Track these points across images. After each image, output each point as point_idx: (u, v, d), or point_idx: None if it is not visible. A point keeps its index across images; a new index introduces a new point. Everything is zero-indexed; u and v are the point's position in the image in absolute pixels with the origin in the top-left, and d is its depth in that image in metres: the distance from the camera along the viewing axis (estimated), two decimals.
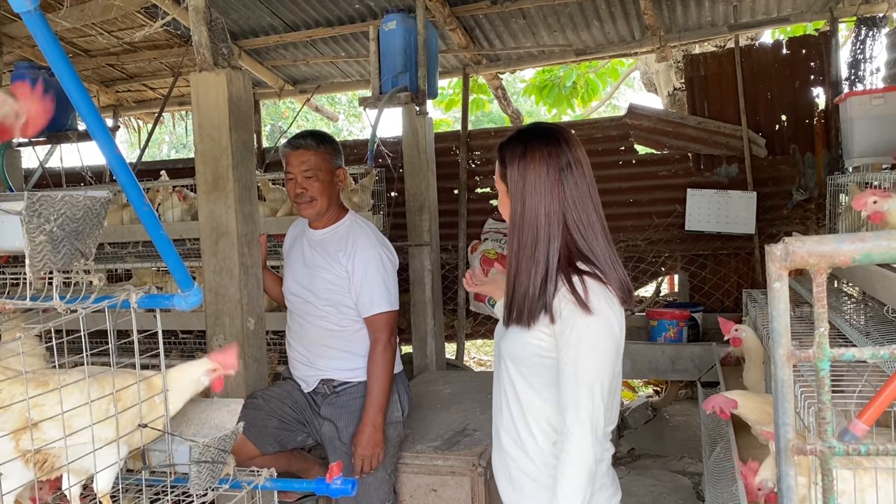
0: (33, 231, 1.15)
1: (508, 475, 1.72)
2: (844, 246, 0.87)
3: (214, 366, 1.57)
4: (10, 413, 1.28)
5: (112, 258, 4.34)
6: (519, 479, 1.69)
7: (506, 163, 1.67)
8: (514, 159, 1.65)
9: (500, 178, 1.70)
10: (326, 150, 2.63)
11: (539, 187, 1.61)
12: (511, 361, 1.66)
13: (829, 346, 0.90)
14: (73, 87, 1.21)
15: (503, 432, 1.72)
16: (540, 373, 1.62)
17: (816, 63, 5.22)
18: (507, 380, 1.69)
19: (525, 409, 1.66)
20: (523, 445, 1.67)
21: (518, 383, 1.66)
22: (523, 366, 1.64)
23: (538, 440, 1.65)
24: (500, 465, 1.75)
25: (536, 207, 1.61)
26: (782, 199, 5.24)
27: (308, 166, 2.59)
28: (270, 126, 14.00)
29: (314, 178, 2.58)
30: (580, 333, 1.55)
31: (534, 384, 1.64)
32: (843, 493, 1.61)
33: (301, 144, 2.62)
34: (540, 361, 1.61)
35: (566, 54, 5.78)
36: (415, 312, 4.56)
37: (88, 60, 6.06)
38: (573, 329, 1.55)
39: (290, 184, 2.62)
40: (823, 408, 0.91)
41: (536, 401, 1.64)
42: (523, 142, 1.66)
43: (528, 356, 1.63)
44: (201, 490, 1.57)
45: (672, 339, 5.00)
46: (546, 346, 1.60)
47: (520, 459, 1.68)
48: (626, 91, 13.99)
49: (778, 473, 0.94)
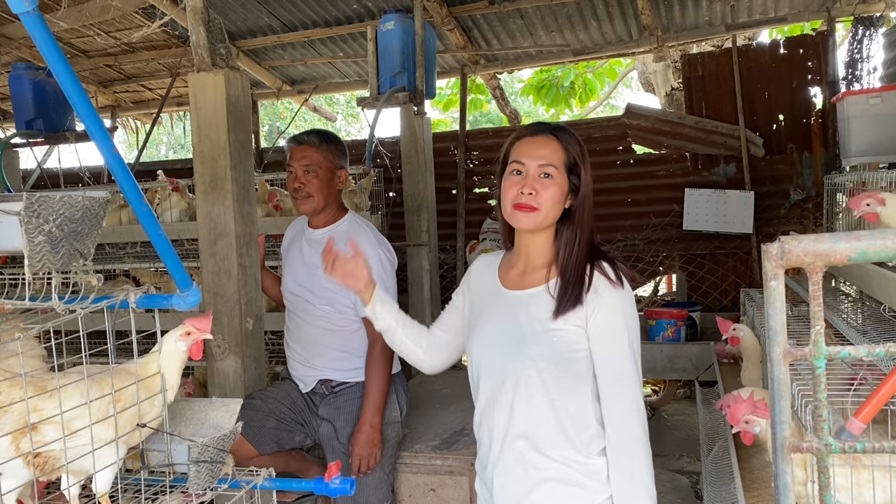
0: (32, 231, 1.15)
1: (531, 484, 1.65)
2: (840, 245, 0.88)
3: (188, 329, 1.55)
4: (9, 415, 1.28)
5: (111, 258, 4.34)
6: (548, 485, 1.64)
7: (580, 156, 1.70)
8: (585, 155, 1.71)
9: (565, 167, 1.68)
10: (329, 150, 2.64)
11: (591, 184, 1.72)
12: (545, 363, 1.63)
13: (825, 345, 0.90)
14: (71, 88, 1.22)
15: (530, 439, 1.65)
16: (572, 368, 1.63)
17: (814, 63, 5.23)
18: (538, 383, 1.64)
19: (558, 409, 1.63)
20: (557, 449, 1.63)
21: (551, 385, 1.63)
22: (557, 365, 1.63)
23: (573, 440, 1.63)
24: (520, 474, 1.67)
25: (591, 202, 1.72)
26: (780, 199, 5.25)
27: (308, 162, 2.60)
28: (269, 126, 14.00)
29: (313, 174, 2.59)
30: (624, 309, 1.63)
31: (564, 381, 1.63)
32: (841, 489, 1.62)
33: (304, 140, 2.65)
34: (574, 356, 1.63)
35: (564, 54, 5.78)
36: (413, 312, 4.55)
37: (86, 61, 6.06)
38: (615, 308, 1.62)
39: (290, 177, 2.64)
40: (820, 405, 0.91)
41: (568, 399, 1.63)
42: (580, 138, 1.74)
43: (564, 353, 1.63)
44: (200, 489, 1.57)
45: (670, 339, 5.01)
46: (578, 339, 1.63)
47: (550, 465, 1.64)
48: (624, 91, 14.00)
49: (774, 471, 0.94)
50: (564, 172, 1.67)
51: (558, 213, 1.69)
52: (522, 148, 1.70)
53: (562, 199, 1.68)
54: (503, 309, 1.73)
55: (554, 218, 1.69)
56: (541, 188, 1.65)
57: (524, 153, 1.68)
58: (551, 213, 1.67)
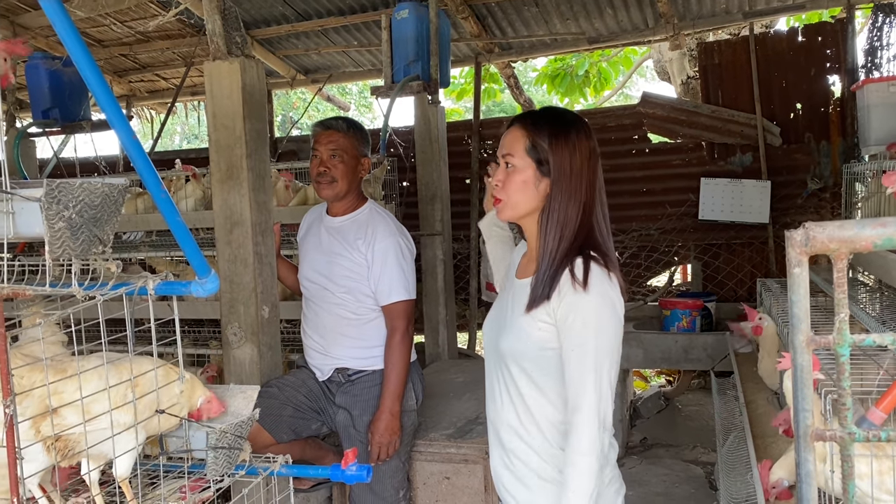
0: (52, 218, 1.15)
1: (513, 473, 1.67)
2: (866, 231, 0.86)
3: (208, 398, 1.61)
4: (30, 399, 1.29)
5: (126, 247, 4.37)
6: (526, 475, 1.65)
7: (547, 138, 1.59)
8: (559, 136, 1.59)
9: (528, 151, 1.61)
10: (355, 136, 2.66)
11: (584, 169, 1.60)
12: (512, 358, 1.62)
13: (849, 333, 0.89)
14: (91, 75, 1.22)
15: (505, 430, 1.68)
16: (543, 366, 1.58)
17: (832, 50, 5.16)
18: (509, 378, 1.64)
19: (529, 405, 1.62)
20: (529, 442, 1.64)
21: (520, 380, 1.62)
22: (526, 361, 1.60)
23: (546, 436, 1.62)
24: (502, 463, 1.70)
25: (581, 187, 1.59)
26: (797, 189, 5.20)
27: (335, 147, 2.61)
28: (282, 116, 14.01)
29: (339, 159, 2.60)
30: (585, 314, 1.51)
31: (537, 379, 1.60)
32: (863, 476, 1.61)
33: (332, 125, 2.66)
34: (542, 354, 1.58)
35: (579, 42, 5.74)
36: (427, 302, 4.56)
37: (101, 51, 6.08)
38: (577, 311, 1.51)
39: (314, 162, 2.64)
40: (844, 393, 0.90)
41: (539, 397, 1.60)
42: (565, 122, 1.62)
43: (530, 350, 1.58)
44: (218, 475, 1.58)
45: (685, 329, 4.98)
46: (548, 337, 1.56)
47: (525, 456, 1.64)
48: (639, 80, 13.90)
49: (797, 459, 0.93)
50: (528, 157, 1.61)
51: (532, 199, 1.61)
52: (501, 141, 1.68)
53: (530, 186, 1.60)
54: (504, 295, 1.75)
55: (526, 206, 1.62)
56: (506, 178, 1.63)
57: (499, 146, 1.67)
58: (521, 203, 1.62)
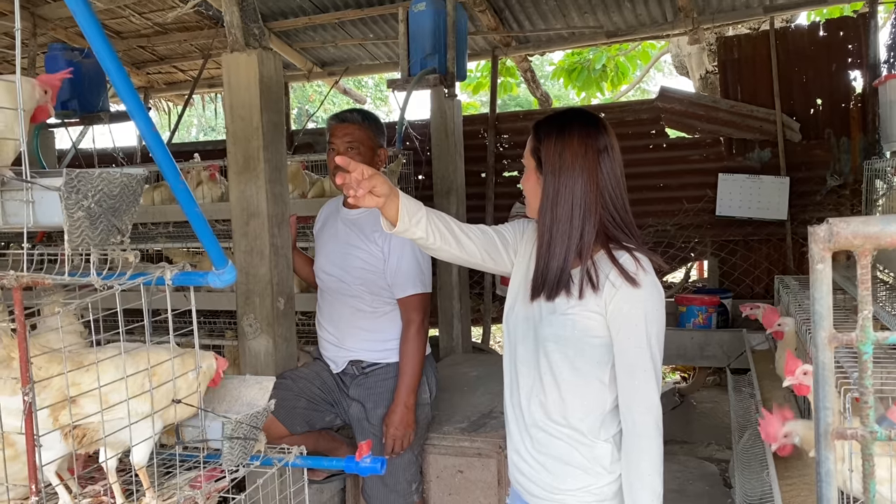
0: (72, 207, 1.16)
1: (536, 459, 1.71)
2: (891, 227, 0.85)
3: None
4: (48, 390, 1.30)
5: (144, 238, 4.40)
6: (549, 461, 1.69)
7: (541, 138, 1.68)
8: (552, 135, 1.67)
9: (532, 153, 1.71)
10: (371, 128, 2.66)
11: (577, 164, 1.64)
12: (554, 344, 1.65)
13: (872, 330, 0.88)
14: (111, 66, 1.22)
15: (530, 416, 1.71)
16: (586, 352, 1.63)
17: (854, 45, 5.10)
18: (545, 365, 1.67)
19: (563, 390, 1.66)
20: (557, 429, 1.67)
21: (560, 366, 1.65)
22: (569, 348, 1.64)
23: (575, 422, 1.66)
24: (524, 449, 1.74)
25: (573, 183, 1.63)
26: (816, 185, 5.15)
27: (351, 139, 2.60)
28: (298, 109, 14.03)
29: (356, 151, 2.59)
30: (645, 307, 1.59)
31: (578, 365, 1.64)
32: (883, 481, 1.59)
33: (348, 118, 2.66)
34: (588, 342, 1.62)
35: (597, 36, 5.70)
36: (441, 295, 4.56)
37: (120, 42, 6.11)
38: (635, 304, 1.59)
39: (331, 155, 2.64)
40: (865, 392, 0.89)
41: (579, 384, 1.65)
42: (562, 121, 1.69)
43: (576, 337, 1.63)
44: (233, 465, 1.59)
45: (701, 326, 4.96)
46: (595, 326, 1.62)
47: (550, 442, 1.68)
48: (657, 75, 13.80)
49: (817, 458, 0.92)
50: (531, 157, 1.71)
51: (539, 197, 1.70)
52: None
53: (535, 185, 1.70)
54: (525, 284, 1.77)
55: (537, 203, 1.71)
56: (524, 180, 1.75)
57: None
58: (532, 201, 1.72)
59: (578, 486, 1.67)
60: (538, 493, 1.73)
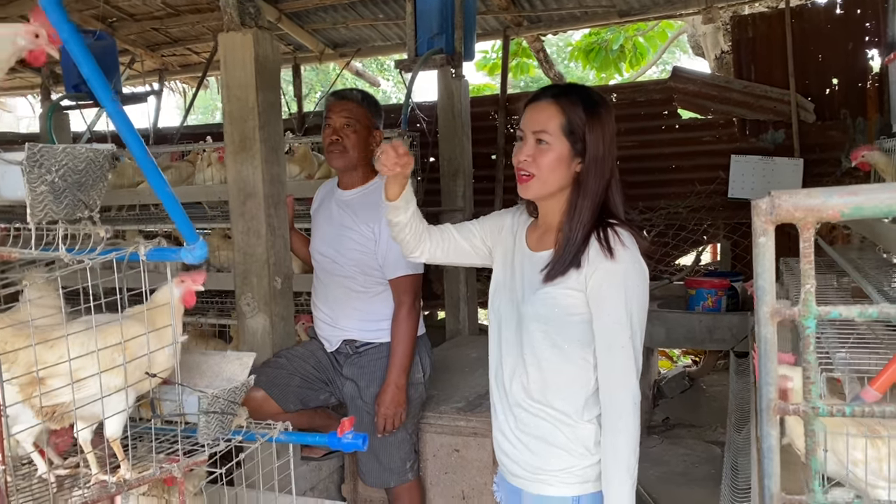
0: (34, 181, 1.18)
1: (519, 439, 1.72)
2: (833, 199, 0.83)
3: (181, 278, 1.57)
4: (17, 364, 1.32)
5: (154, 219, 4.43)
6: (532, 442, 1.70)
7: (584, 118, 1.63)
8: (594, 117, 1.64)
9: (566, 134, 1.63)
10: (368, 108, 2.67)
11: (611, 150, 1.66)
12: (536, 323, 1.66)
13: (815, 305, 0.87)
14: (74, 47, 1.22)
15: (513, 396, 1.72)
16: (567, 331, 1.63)
17: (872, 23, 4.99)
18: (528, 344, 1.68)
19: (544, 369, 1.66)
20: (540, 408, 1.68)
21: (542, 345, 1.66)
22: (551, 326, 1.64)
23: (556, 402, 1.66)
24: (508, 429, 1.75)
25: (606, 169, 1.65)
26: (830, 167, 5.05)
27: (349, 115, 2.61)
28: (321, 93, 14.01)
29: (352, 129, 2.60)
30: (625, 282, 1.58)
31: (560, 344, 1.64)
32: (858, 463, 1.56)
33: (346, 95, 2.68)
34: (569, 320, 1.63)
35: (609, 15, 5.62)
36: (448, 279, 4.57)
37: (134, 24, 6.15)
38: (614, 279, 1.58)
39: (326, 131, 2.64)
40: (808, 367, 0.88)
41: (560, 362, 1.65)
42: (592, 101, 1.66)
43: (557, 315, 1.63)
44: (210, 440, 1.61)
45: (710, 309, 4.90)
46: (576, 303, 1.62)
47: (533, 422, 1.69)
48: (680, 56, 13.57)
49: (761, 433, 0.91)
50: (564, 137, 1.63)
51: (563, 178, 1.65)
52: (524, 115, 1.69)
53: (563, 165, 1.64)
54: (512, 265, 1.77)
55: (557, 184, 1.66)
56: (537, 154, 1.64)
57: (524, 121, 1.69)
58: (552, 181, 1.65)
59: (561, 466, 1.67)
60: (520, 474, 1.73)
